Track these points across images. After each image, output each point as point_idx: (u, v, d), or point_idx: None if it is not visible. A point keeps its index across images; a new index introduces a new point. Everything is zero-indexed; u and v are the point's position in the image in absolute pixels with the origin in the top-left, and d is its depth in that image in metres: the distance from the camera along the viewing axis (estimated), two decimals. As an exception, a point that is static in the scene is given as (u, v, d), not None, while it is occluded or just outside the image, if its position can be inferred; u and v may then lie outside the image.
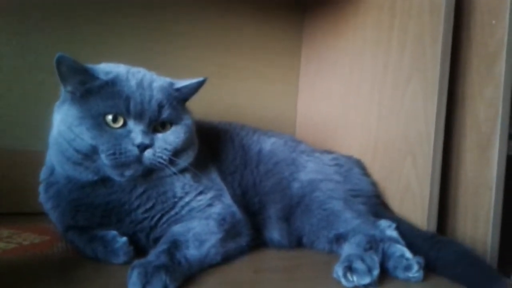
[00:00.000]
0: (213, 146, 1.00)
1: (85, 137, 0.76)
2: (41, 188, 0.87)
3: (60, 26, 1.17)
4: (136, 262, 0.69)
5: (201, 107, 0.92)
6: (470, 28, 1.07)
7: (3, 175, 1.11)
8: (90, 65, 0.81)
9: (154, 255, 0.71)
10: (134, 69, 0.85)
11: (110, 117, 0.77)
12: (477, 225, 1.03)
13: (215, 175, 0.94)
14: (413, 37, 1.05)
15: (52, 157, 0.82)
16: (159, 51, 1.29)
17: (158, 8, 1.29)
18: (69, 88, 0.79)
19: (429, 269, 0.83)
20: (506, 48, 1.00)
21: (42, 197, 0.87)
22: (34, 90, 1.15)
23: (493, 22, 1.03)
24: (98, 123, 0.77)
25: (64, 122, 0.78)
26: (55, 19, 1.17)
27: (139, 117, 0.78)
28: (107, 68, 0.82)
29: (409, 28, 1.06)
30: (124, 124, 0.78)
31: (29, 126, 1.13)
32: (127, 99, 0.78)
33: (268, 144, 1.05)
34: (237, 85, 1.42)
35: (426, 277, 0.80)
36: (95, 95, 0.78)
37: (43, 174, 0.87)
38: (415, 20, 1.05)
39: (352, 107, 1.24)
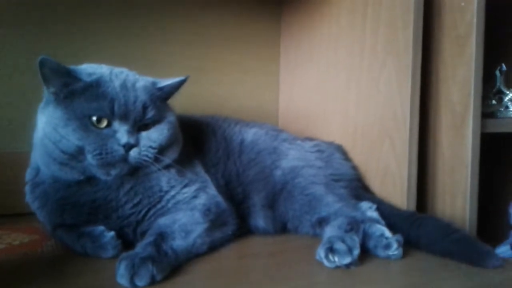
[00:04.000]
0: (196, 139, 1.02)
1: (71, 138, 0.77)
2: (27, 188, 0.88)
3: (38, 27, 1.17)
4: (124, 254, 0.71)
5: (183, 101, 0.93)
6: (441, 12, 1.09)
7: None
8: (73, 67, 0.81)
9: (141, 247, 0.73)
10: (117, 70, 0.85)
11: (94, 118, 0.78)
12: (455, 202, 1.06)
13: (199, 168, 0.95)
14: (385, 24, 1.07)
15: (37, 158, 0.83)
16: (138, 47, 1.29)
17: (136, 4, 1.29)
18: (52, 89, 0.80)
19: (411, 246, 0.86)
20: (475, 30, 1.02)
21: (28, 197, 0.87)
22: (16, 92, 1.14)
23: (462, 4, 1.05)
24: (84, 124, 0.77)
25: (49, 124, 0.78)
26: (33, 20, 1.17)
27: (124, 117, 0.79)
28: (89, 70, 0.83)
29: (382, 14, 1.08)
30: (109, 124, 0.79)
31: (13, 127, 1.12)
32: (112, 101, 0.79)
33: (250, 134, 1.06)
34: (219, 78, 1.43)
35: (405, 254, 0.83)
36: (79, 96, 0.79)
37: (28, 174, 0.88)
38: (387, 6, 1.07)
39: (331, 95, 1.26)
